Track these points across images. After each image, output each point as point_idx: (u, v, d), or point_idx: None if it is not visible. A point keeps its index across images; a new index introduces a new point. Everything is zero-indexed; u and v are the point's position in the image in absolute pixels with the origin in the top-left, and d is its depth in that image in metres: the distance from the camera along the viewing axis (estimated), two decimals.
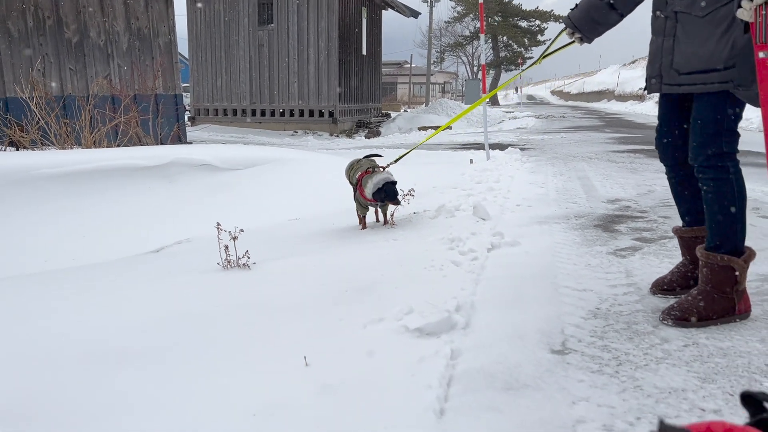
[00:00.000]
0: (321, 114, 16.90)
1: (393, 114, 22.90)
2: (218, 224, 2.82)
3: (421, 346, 1.86)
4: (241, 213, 5.38)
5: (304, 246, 3.38)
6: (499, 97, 51.66)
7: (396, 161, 3.93)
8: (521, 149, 8.81)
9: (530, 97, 63.60)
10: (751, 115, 15.20)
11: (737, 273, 2.05)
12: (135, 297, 2.53)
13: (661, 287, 2.36)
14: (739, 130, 2.09)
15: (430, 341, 1.90)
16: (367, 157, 4.14)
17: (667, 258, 2.82)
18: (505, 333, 1.97)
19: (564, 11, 40.91)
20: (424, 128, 16.56)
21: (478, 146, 10.02)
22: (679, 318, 2.04)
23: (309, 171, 6.41)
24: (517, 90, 45.02)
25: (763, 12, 1.72)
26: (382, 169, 3.70)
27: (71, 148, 7.08)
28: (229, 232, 2.79)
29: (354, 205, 3.76)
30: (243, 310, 2.23)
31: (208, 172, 6.03)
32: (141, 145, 8.24)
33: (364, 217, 3.80)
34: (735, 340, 1.91)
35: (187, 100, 20.55)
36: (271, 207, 5.50)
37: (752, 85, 1.87)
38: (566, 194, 4.77)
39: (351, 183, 3.91)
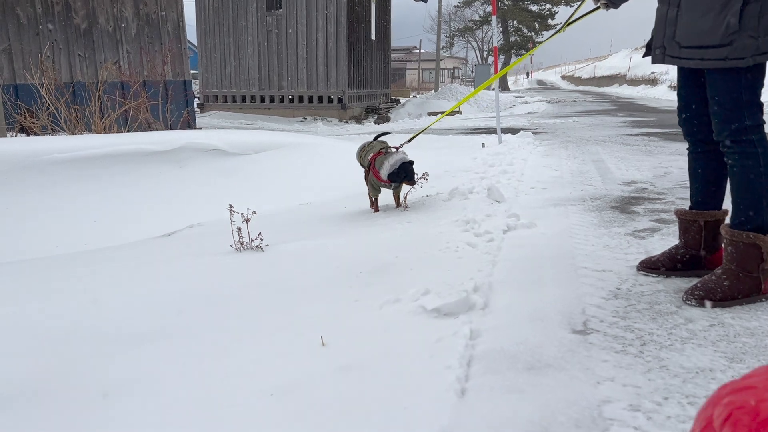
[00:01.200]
0: (330, 100, 16.82)
1: (402, 100, 22.78)
2: (230, 206, 2.79)
3: (439, 327, 1.82)
4: (251, 197, 5.35)
5: (316, 229, 3.35)
6: (510, 83, 51.25)
7: (410, 141, 3.87)
8: (533, 133, 8.71)
9: (541, 83, 63.05)
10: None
11: (763, 251, 1.99)
12: (149, 279, 2.52)
13: (646, 265, 2.35)
14: (763, 99, 2.03)
15: (448, 321, 1.86)
16: (377, 138, 4.07)
17: None
18: (525, 314, 1.93)
19: None
20: (434, 113, 16.44)
21: (490, 130, 9.93)
22: (704, 297, 1.99)
23: (319, 156, 6.36)
24: (528, 75, 44.59)
25: None
26: (395, 150, 3.62)
27: (81, 134, 7.07)
28: (242, 214, 2.76)
29: (365, 188, 3.71)
30: (257, 290, 2.20)
31: (218, 157, 6.00)
32: (151, 130, 8.22)
33: (377, 199, 3.75)
34: (762, 320, 1.86)
35: (195, 87, 20.53)
36: (282, 191, 5.47)
37: (747, 60, 1.87)
38: (581, 177, 4.69)
39: (362, 165, 3.85)
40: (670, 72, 27.88)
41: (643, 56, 2.30)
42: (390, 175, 3.42)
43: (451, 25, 46.81)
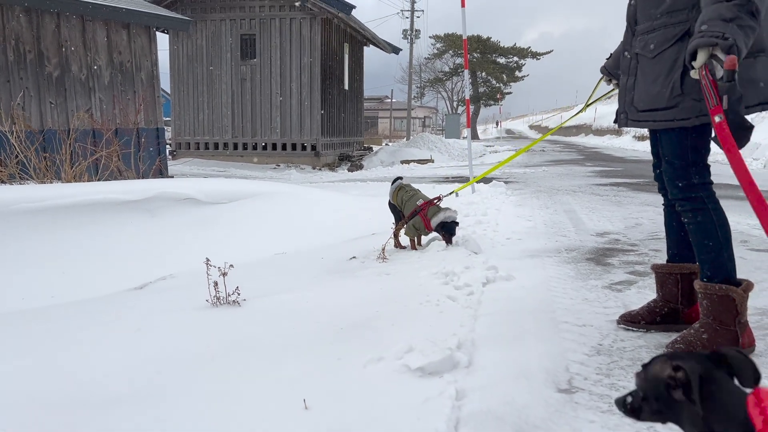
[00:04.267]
0: (303, 147, 16.93)
1: (375, 148, 23.05)
2: (207, 260, 2.74)
3: (424, 387, 1.79)
4: (225, 247, 5.27)
5: (294, 281, 3.30)
6: (479, 131, 52.35)
7: (456, 192, 4.69)
8: (505, 182, 8.85)
9: (509, 132, 64.58)
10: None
11: (737, 303, 2.02)
12: (122, 337, 2.43)
13: (626, 319, 2.37)
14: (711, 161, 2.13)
15: (433, 381, 1.83)
16: (395, 181, 4.41)
17: None
18: (510, 372, 1.91)
19: (540, 48, 41.86)
20: (407, 162, 16.65)
21: (462, 179, 10.06)
22: (684, 351, 2.01)
23: (294, 204, 6.34)
24: (497, 124, 45.67)
25: (708, 75, 1.75)
26: (439, 201, 4.00)
27: (51, 183, 6.94)
28: (219, 267, 2.71)
29: (341, 236, 3.75)
30: (236, 350, 2.14)
31: (192, 206, 5.94)
32: (122, 179, 8.13)
33: (414, 238, 4.04)
34: None
35: (168, 134, 20.44)
36: (257, 241, 5.41)
37: (692, 120, 2.00)
38: (555, 227, 4.76)
39: (399, 206, 4.16)
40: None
41: (614, 122, 2.39)
42: (440, 224, 3.80)
43: (422, 76, 47.97)
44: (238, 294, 2.69)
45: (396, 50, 22.87)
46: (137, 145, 8.89)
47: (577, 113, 3.17)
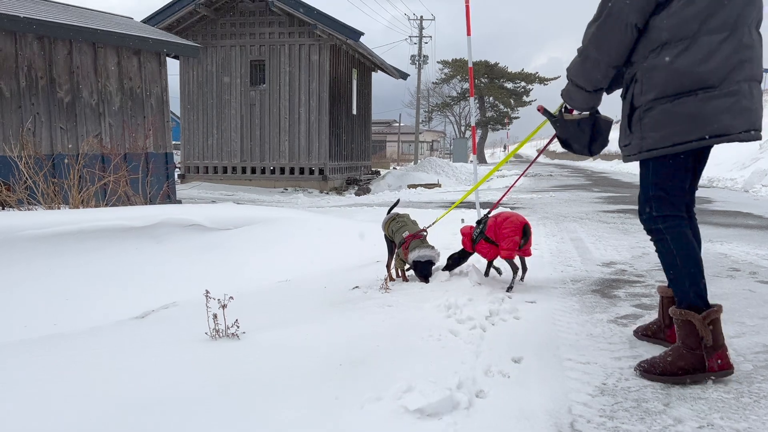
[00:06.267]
0: (311, 171, 17.01)
1: (383, 171, 23.12)
2: (207, 292, 2.72)
3: (422, 429, 1.75)
4: (229, 274, 5.27)
5: (295, 312, 3.27)
6: (487, 155, 52.45)
7: (435, 221, 4.41)
8: (512, 209, 8.82)
9: (517, 156, 64.59)
10: (735, 175, 15.34)
11: (697, 328, 2.14)
12: (118, 374, 2.40)
13: (637, 330, 2.65)
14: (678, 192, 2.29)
15: (432, 423, 1.79)
16: (391, 209, 4.34)
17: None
18: (511, 413, 1.86)
19: (548, 73, 42.04)
20: (414, 186, 16.66)
21: (469, 205, 10.04)
22: (645, 370, 2.20)
23: (299, 231, 6.33)
24: (505, 148, 45.76)
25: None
26: (425, 234, 3.94)
27: (58, 208, 6.98)
28: (218, 299, 2.68)
29: (343, 263, 3.72)
30: (233, 389, 2.10)
31: (198, 233, 5.94)
32: (130, 204, 8.17)
33: (403, 270, 3.94)
34: (751, 421, 1.82)
35: (177, 158, 20.61)
36: (261, 268, 5.40)
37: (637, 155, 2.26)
38: (560, 256, 4.72)
39: (389, 237, 4.05)
40: None
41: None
42: (414, 262, 3.70)
43: (429, 101, 48.29)
44: (237, 327, 2.67)
45: (404, 75, 23.06)
46: (146, 170, 8.95)
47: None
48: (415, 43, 36.65)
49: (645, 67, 2.17)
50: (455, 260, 3.91)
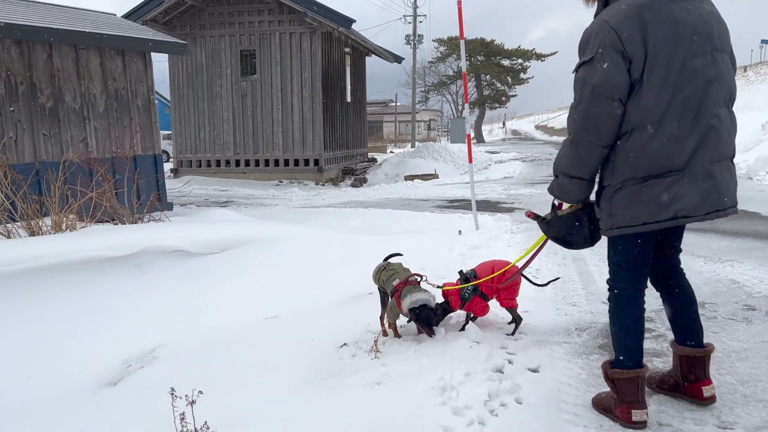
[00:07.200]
0: (306, 163, 16.68)
1: (379, 159, 22.76)
2: (172, 390, 2.39)
3: None
4: (214, 307, 5.01)
5: (272, 390, 2.96)
6: (485, 133, 51.96)
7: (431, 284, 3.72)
8: (510, 212, 8.55)
9: (515, 133, 64.16)
10: (737, 159, 14.80)
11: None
12: None
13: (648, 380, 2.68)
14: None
15: None
16: (388, 258, 3.98)
17: (689, 410, 2.49)
18: None
19: (545, 49, 41.57)
20: (411, 177, 16.35)
21: (467, 204, 9.75)
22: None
23: (288, 252, 6.06)
24: (503, 125, 45.28)
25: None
26: (419, 279, 3.61)
27: (40, 228, 6.68)
28: (186, 395, 2.41)
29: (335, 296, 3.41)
30: None
31: (182, 259, 5.68)
32: (115, 220, 7.89)
33: (395, 324, 3.61)
34: None
35: (168, 147, 20.24)
36: (247, 299, 5.15)
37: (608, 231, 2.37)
38: (563, 290, 4.45)
39: (381, 287, 3.73)
40: None
41: None
42: (411, 311, 3.39)
43: (426, 80, 47.64)
44: (207, 428, 2.40)
45: (398, 59, 22.58)
46: (132, 180, 8.66)
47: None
48: (410, 23, 35.98)
49: (616, 149, 2.25)
50: (441, 314, 3.62)
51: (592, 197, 2.48)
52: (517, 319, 3.55)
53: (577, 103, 2.25)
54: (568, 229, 2.55)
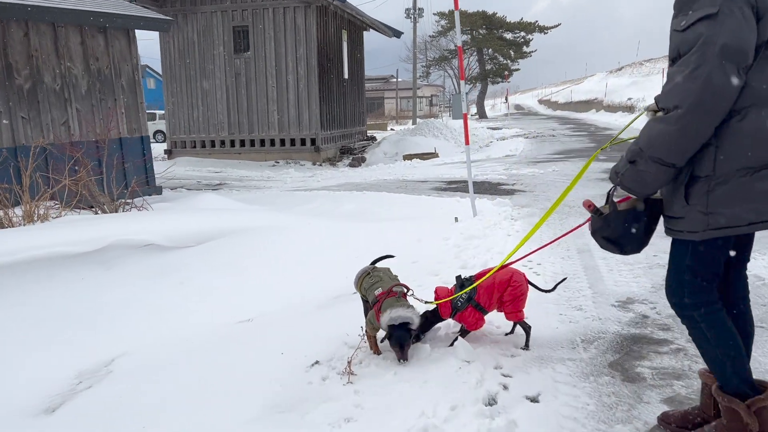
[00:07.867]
0: (303, 142, 16.18)
1: (378, 137, 22.20)
2: None
3: None
4: (184, 308, 4.59)
5: (222, 419, 2.54)
6: (487, 108, 51.10)
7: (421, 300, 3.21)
8: (510, 195, 8.08)
9: (518, 107, 63.24)
10: None
11: (743, 416, 1.95)
12: None
13: (661, 418, 2.29)
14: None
15: None
16: (375, 262, 3.56)
17: None
18: None
19: (548, 21, 40.63)
20: (410, 157, 15.84)
21: (466, 186, 9.29)
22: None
23: (272, 245, 5.62)
24: (506, 100, 44.43)
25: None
26: (406, 291, 3.15)
27: (9, 216, 6.25)
28: None
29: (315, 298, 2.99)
30: None
31: (153, 253, 5.25)
32: (95, 204, 7.47)
33: (375, 338, 3.15)
34: None
35: (162, 127, 19.76)
36: (222, 298, 4.72)
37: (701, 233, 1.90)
38: (568, 288, 4.00)
39: (363, 296, 3.33)
40: (646, 99, 27.71)
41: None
42: (389, 328, 2.94)
43: (427, 55, 46.67)
44: None
45: (397, 34, 21.92)
46: (111, 162, 8.21)
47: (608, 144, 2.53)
48: None
49: (722, 131, 1.81)
50: (429, 320, 3.19)
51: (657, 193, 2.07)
52: (526, 329, 3.11)
53: (696, 66, 1.75)
54: (626, 229, 2.07)
